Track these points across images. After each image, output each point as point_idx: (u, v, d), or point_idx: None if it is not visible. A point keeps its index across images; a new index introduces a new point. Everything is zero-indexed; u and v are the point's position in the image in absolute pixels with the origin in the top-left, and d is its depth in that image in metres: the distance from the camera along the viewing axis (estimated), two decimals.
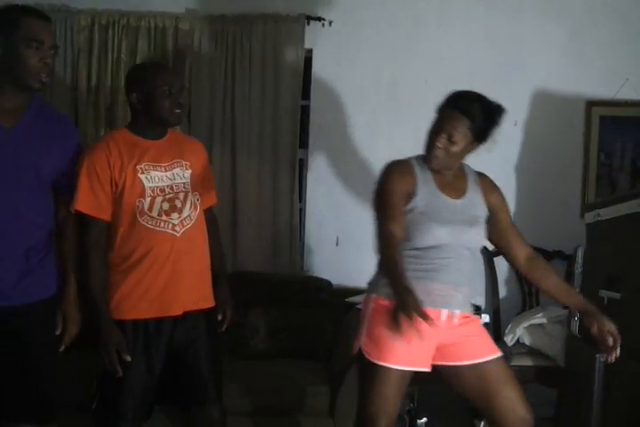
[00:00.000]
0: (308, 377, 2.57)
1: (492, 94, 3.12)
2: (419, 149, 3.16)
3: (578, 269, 2.86)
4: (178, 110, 1.98)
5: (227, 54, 3.10)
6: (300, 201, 3.27)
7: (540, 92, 3.22)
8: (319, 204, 3.27)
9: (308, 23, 3.12)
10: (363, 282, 3.16)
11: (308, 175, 3.28)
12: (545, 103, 3.23)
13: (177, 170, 1.98)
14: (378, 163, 3.19)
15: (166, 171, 1.96)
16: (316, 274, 3.17)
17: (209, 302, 2.04)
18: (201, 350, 1.98)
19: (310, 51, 3.21)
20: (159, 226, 1.91)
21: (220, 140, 3.11)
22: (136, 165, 1.92)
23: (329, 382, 2.51)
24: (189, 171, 2.00)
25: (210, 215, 2.12)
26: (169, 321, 1.94)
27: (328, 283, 3.07)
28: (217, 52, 3.11)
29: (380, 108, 3.24)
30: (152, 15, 3.11)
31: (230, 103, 3.13)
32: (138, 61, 3.09)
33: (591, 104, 3.21)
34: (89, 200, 1.89)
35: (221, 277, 2.13)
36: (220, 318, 2.06)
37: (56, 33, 3.08)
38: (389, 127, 3.25)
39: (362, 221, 3.24)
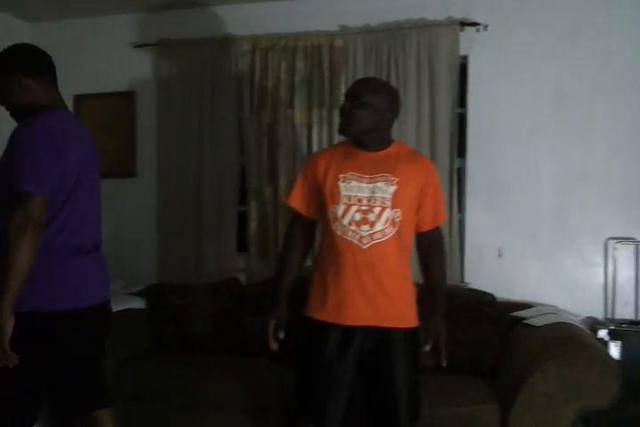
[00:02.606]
0: (476, 393, 2.46)
1: None
2: (587, 157, 3.01)
3: None
4: (344, 120, 1.98)
5: (381, 67, 3.12)
6: (460, 211, 3.17)
7: None
8: (479, 214, 3.16)
9: (462, 29, 3.05)
10: (527, 296, 3.04)
11: (467, 185, 3.18)
12: None
13: (380, 184, 1.95)
14: (541, 171, 3.08)
15: (369, 183, 1.95)
16: (477, 287, 3.04)
17: (402, 323, 1.98)
18: (394, 369, 1.95)
19: (465, 57, 3.14)
20: (347, 235, 1.94)
21: None
22: (339, 173, 1.98)
23: (499, 399, 2.38)
24: (394, 187, 1.94)
25: (431, 236, 2.06)
26: (359, 332, 1.95)
27: (491, 296, 2.93)
28: (371, 66, 3.14)
29: (543, 115, 3.07)
30: (308, 35, 3.22)
31: None
32: (296, 81, 3.22)
33: None
34: (298, 198, 2.10)
35: (433, 300, 2.05)
36: (427, 348, 1.99)
37: (221, 59, 3.34)
38: (553, 133, 3.07)
39: (525, 233, 3.11)
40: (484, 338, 2.76)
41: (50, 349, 1.83)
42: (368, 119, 1.95)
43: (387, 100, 1.99)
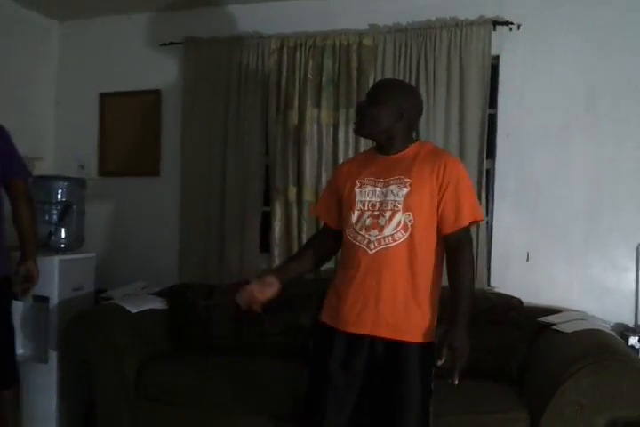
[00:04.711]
0: (503, 401, 2.39)
1: None
2: (620, 158, 2.94)
3: None
4: (358, 119, 1.96)
5: (410, 67, 3.08)
6: (487, 214, 3.11)
7: None
8: (508, 216, 3.10)
9: (495, 28, 3.00)
10: (555, 300, 2.97)
11: (495, 187, 3.13)
12: None
13: (393, 187, 1.86)
14: (572, 173, 3.01)
15: (383, 187, 1.89)
16: (504, 291, 2.98)
17: (410, 336, 1.84)
18: (397, 385, 1.82)
19: (497, 57, 3.08)
20: (356, 240, 1.89)
21: None
22: (357, 178, 1.94)
23: (528, 408, 2.32)
24: (406, 189, 1.84)
25: (454, 239, 1.86)
26: (365, 341, 1.87)
27: (518, 301, 2.87)
28: (400, 66, 3.10)
29: (575, 115, 3.01)
30: (337, 34, 3.18)
31: None
32: (324, 80, 3.19)
33: None
34: (320, 205, 2.15)
35: (453, 310, 1.81)
36: (438, 362, 1.77)
37: (249, 57, 3.32)
38: (586, 134, 3.00)
39: (554, 236, 3.04)
40: (511, 344, 2.70)
41: None
42: (382, 119, 1.90)
43: (403, 99, 1.92)
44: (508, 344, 2.69)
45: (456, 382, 1.79)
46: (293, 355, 2.82)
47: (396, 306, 1.85)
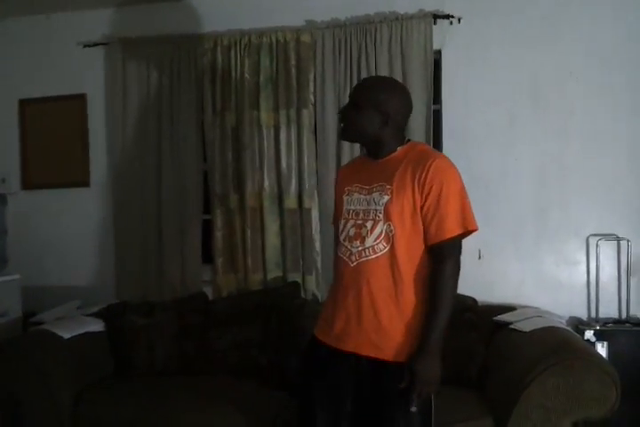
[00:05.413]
0: (466, 408, 2.29)
1: None
2: (567, 152, 2.93)
3: None
4: (341, 123, 1.82)
5: (351, 63, 2.98)
6: None
7: None
8: None
9: (435, 22, 2.92)
10: (508, 297, 2.93)
11: None
12: None
13: (375, 194, 1.74)
14: (520, 168, 2.97)
15: (368, 194, 1.77)
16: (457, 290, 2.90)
17: (393, 356, 1.69)
18: (380, 404, 1.69)
19: (439, 52, 3.01)
20: (340, 251, 1.80)
21: (349, 154, 2.98)
22: (346, 185, 1.85)
23: (493, 414, 2.23)
24: (387, 197, 1.71)
25: (436, 252, 1.71)
26: (350, 359, 1.74)
27: (473, 300, 2.81)
28: (341, 63, 2.99)
29: (520, 108, 2.97)
30: (272, 30, 3.05)
31: None
32: (261, 79, 3.05)
33: None
34: (335, 215, 1.97)
35: (423, 333, 1.67)
36: (401, 385, 1.64)
37: (180, 57, 3.15)
38: (531, 128, 2.97)
39: (505, 232, 3.00)
40: (468, 346, 2.62)
41: None
42: (365, 125, 1.76)
43: (387, 101, 1.75)
44: (466, 347, 2.61)
45: (412, 409, 1.65)
46: (244, 371, 2.68)
47: (380, 323, 1.72)
